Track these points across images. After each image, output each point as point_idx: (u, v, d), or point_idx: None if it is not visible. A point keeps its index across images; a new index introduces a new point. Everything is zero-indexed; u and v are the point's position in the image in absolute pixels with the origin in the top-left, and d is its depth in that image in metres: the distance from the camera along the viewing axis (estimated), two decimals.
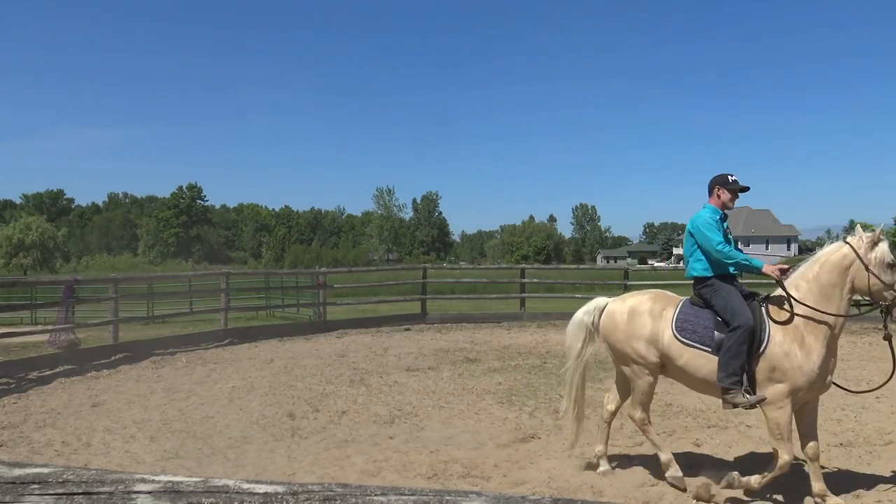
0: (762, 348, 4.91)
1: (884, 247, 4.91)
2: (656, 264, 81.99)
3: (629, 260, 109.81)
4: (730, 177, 5.50)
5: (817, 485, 4.91)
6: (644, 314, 5.39)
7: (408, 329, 16.41)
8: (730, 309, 5.06)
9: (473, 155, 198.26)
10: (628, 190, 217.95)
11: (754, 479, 5.01)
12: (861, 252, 4.92)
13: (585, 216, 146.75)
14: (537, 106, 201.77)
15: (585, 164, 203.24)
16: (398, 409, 8.18)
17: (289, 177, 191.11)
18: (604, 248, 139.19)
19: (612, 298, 5.79)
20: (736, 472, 5.11)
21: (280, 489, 1.33)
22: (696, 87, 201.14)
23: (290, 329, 16.00)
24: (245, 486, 1.34)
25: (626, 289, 18.26)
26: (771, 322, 4.99)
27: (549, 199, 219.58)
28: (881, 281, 4.83)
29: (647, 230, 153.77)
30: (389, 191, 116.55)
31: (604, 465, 5.76)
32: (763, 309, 5.09)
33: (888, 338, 5.08)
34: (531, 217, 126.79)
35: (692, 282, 5.49)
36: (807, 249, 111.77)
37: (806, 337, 4.89)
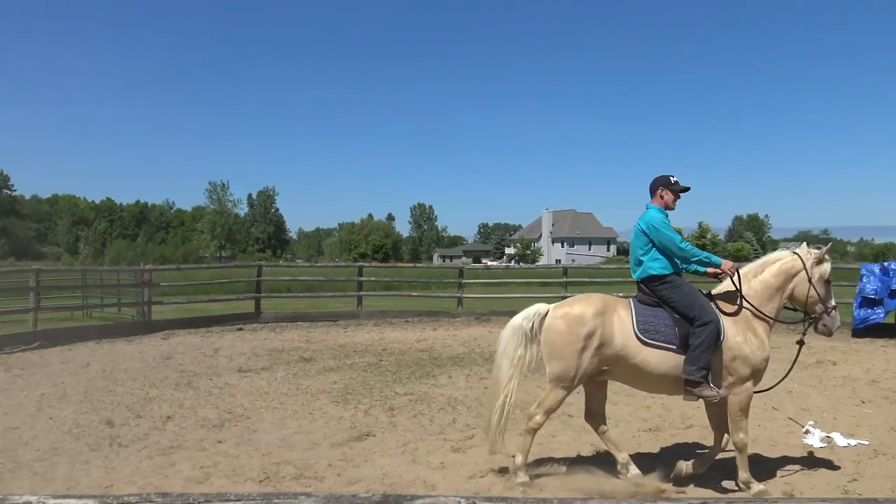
0: (720, 341, 5.21)
1: (828, 266, 5.47)
2: (489, 263, 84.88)
3: (464, 259, 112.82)
4: (671, 178, 5.65)
5: (743, 474, 5.29)
6: (592, 319, 5.27)
7: (240, 329, 15.87)
8: (697, 306, 5.24)
9: (313, 151, 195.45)
10: (463, 191, 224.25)
11: (743, 474, 5.30)
12: (808, 265, 5.42)
13: (423, 215, 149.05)
14: (375, 106, 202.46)
15: (423, 165, 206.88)
16: (228, 412, 7.89)
17: (112, 168, 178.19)
18: (440, 247, 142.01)
19: (553, 305, 5.61)
20: (683, 461, 5.44)
21: (90, 502, 1.26)
22: (527, 94, 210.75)
23: (110, 330, 14.91)
24: (51, 501, 1.25)
25: (461, 287, 18.80)
26: (722, 315, 5.32)
27: (388, 198, 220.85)
28: (818, 294, 5.39)
29: (482, 230, 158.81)
30: (223, 185, 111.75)
31: (522, 476, 5.42)
32: (713, 304, 5.41)
33: (800, 343, 5.70)
34: (370, 215, 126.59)
35: (643, 280, 5.55)
36: (625, 251, 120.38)
37: (755, 328, 5.35)
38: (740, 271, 5.56)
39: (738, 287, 5.47)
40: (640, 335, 5.24)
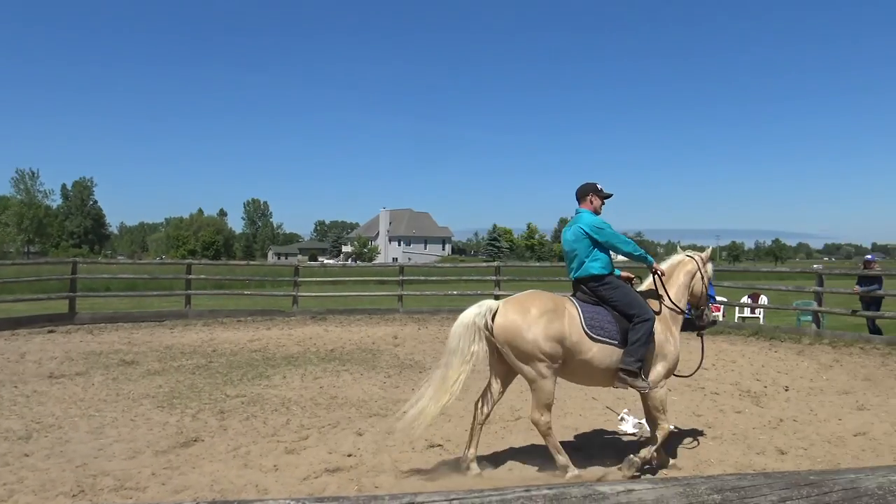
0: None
1: (712, 265, 6.54)
2: (326, 261, 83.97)
3: (300, 257, 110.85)
4: (598, 185, 6.05)
5: (663, 458, 5.89)
6: (548, 314, 5.38)
7: (51, 331, 14.56)
8: (636, 304, 5.61)
9: (133, 138, 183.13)
10: (300, 187, 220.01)
11: (645, 452, 5.65)
12: (701, 265, 6.26)
13: (257, 211, 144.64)
14: (205, 89, 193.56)
15: (257, 158, 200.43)
16: (37, 422, 7.22)
17: None
18: (275, 244, 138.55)
19: (502, 301, 5.63)
20: (632, 455, 5.64)
21: None
22: (367, 93, 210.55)
23: None
24: None
25: (297, 285, 18.43)
26: None
27: (220, 193, 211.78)
28: (704, 290, 6.22)
29: (319, 228, 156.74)
30: (33, 174, 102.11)
31: (475, 468, 5.58)
32: None
33: (701, 334, 6.55)
34: (200, 210, 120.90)
35: (584, 280, 5.76)
36: (459, 250, 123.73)
37: (672, 326, 5.91)
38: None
39: (664, 287, 6.09)
40: (588, 331, 5.46)
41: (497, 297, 18.00)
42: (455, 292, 20.46)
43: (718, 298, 15.86)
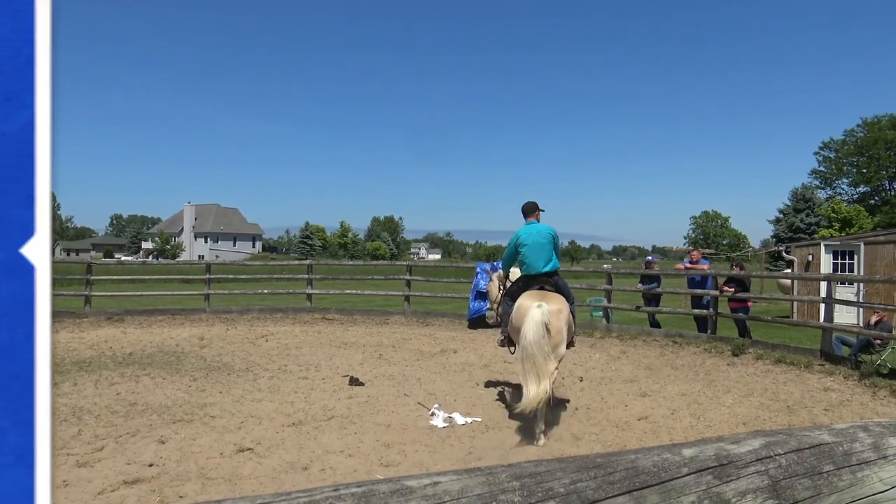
0: None
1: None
2: (124, 258, 78.21)
3: (93, 253, 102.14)
4: (537, 203, 8.00)
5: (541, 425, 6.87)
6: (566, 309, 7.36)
7: None
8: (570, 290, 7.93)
9: None
10: (93, 179, 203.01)
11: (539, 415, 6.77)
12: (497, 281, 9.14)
13: None
14: None
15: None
16: None
17: None
18: (64, 239, 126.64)
19: (545, 303, 7.01)
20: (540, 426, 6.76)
21: None
22: (167, 85, 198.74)
23: None
24: None
25: (89, 284, 16.94)
26: None
27: None
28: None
29: (115, 222, 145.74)
30: None
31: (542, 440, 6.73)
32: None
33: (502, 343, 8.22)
34: None
35: (551, 273, 7.66)
36: (270, 248, 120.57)
37: None
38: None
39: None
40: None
41: (309, 297, 17.72)
42: (266, 291, 19.91)
43: None
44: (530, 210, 7.96)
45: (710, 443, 1.38)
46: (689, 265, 15.14)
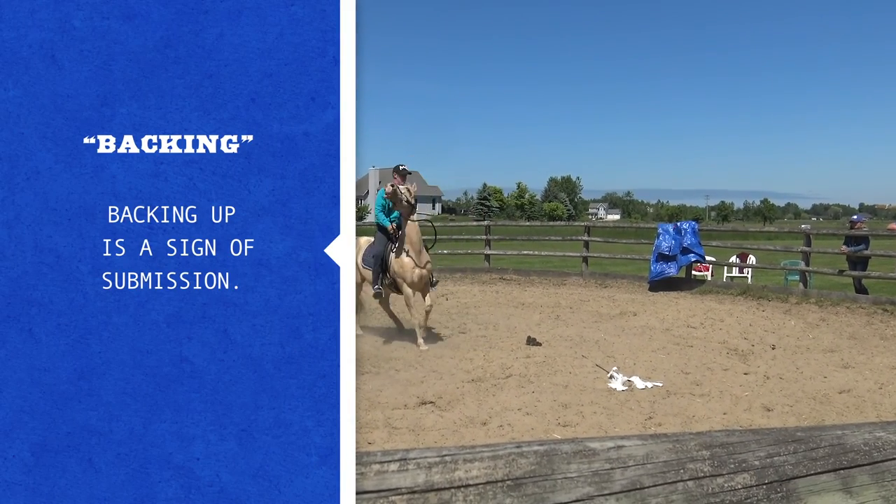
0: None
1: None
2: None
3: None
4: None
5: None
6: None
7: None
8: None
9: None
10: None
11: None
12: None
13: None
14: None
15: None
16: None
17: None
18: None
19: None
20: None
21: None
22: None
23: None
24: None
25: None
26: None
27: None
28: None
29: None
30: None
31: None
32: None
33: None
34: None
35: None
36: (450, 209, 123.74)
37: None
38: None
39: None
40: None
41: (487, 257, 18.03)
42: (446, 251, 20.49)
43: (707, 258, 15.96)
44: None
45: None
46: None
